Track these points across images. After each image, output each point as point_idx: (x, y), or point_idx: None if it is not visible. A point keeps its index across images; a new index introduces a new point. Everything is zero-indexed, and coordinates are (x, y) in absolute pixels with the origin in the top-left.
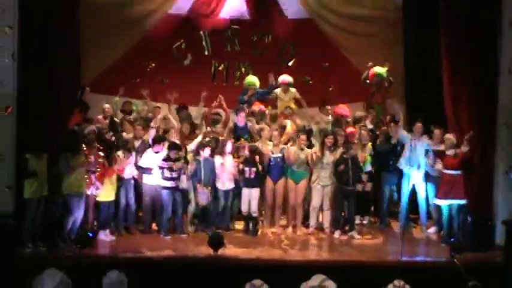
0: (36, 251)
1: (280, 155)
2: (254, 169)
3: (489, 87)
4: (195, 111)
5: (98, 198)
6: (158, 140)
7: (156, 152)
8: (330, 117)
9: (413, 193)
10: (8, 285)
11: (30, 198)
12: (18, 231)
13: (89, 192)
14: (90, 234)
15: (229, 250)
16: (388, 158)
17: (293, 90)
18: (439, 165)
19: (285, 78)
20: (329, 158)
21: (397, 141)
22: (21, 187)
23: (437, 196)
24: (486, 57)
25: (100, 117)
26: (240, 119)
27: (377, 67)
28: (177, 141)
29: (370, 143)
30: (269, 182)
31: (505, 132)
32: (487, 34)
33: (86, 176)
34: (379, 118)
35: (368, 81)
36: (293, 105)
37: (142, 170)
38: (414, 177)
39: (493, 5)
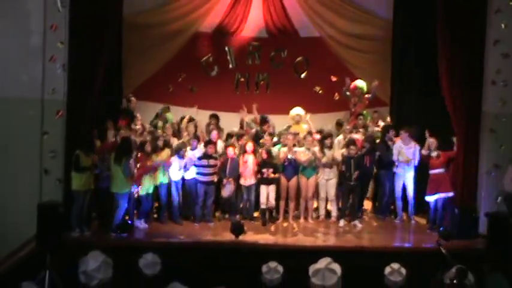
0: (82, 235)
1: (293, 156)
2: (271, 170)
3: (475, 97)
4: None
5: (140, 192)
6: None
7: (193, 150)
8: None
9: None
10: (57, 264)
11: (78, 190)
12: (66, 218)
13: (132, 190)
14: (129, 222)
15: (250, 236)
16: (385, 158)
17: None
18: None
19: (298, 111)
20: (329, 156)
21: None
22: (68, 180)
23: (426, 193)
24: (473, 70)
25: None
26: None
27: (358, 81)
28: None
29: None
30: (283, 179)
31: (488, 136)
32: (475, 50)
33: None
34: (367, 122)
35: (348, 93)
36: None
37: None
38: (405, 176)
39: (481, 26)
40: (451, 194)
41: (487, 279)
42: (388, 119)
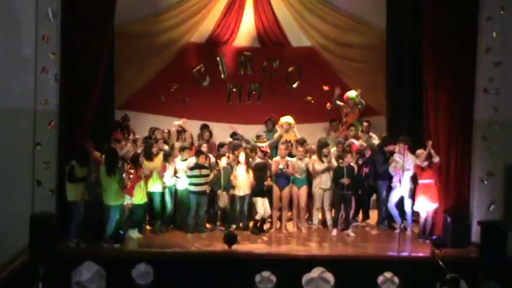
0: (76, 246)
1: (285, 168)
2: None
3: (467, 104)
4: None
5: (133, 202)
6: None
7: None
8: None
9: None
10: (50, 275)
11: (75, 200)
12: (59, 229)
13: (124, 203)
14: (122, 233)
15: (243, 246)
16: (381, 169)
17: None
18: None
19: (288, 119)
20: (325, 164)
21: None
22: (61, 191)
23: (415, 203)
24: (465, 78)
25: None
26: None
27: (350, 91)
28: (204, 150)
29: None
30: (276, 189)
31: (481, 144)
32: (466, 58)
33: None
34: (358, 132)
35: (338, 102)
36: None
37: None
38: (401, 186)
39: (471, 33)
40: (438, 204)
41: (482, 286)
42: (377, 134)
